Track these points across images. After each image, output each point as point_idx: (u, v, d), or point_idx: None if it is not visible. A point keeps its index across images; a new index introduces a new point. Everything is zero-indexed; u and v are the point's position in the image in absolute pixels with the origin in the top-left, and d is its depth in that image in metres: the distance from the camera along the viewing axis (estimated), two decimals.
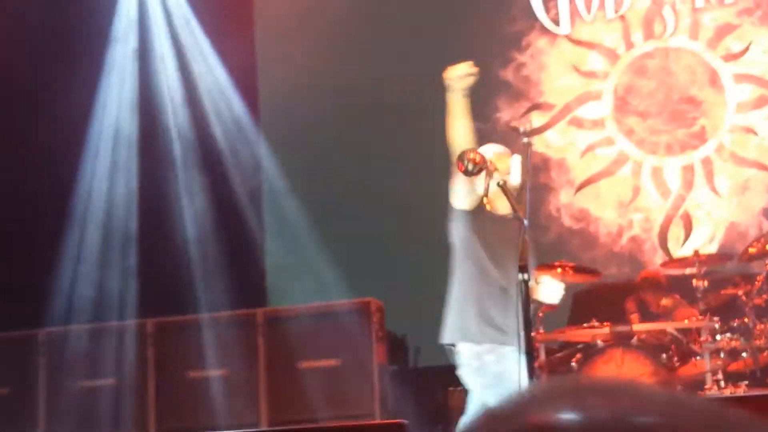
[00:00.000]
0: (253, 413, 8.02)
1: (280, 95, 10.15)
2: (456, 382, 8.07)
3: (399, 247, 9.40)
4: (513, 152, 5.57)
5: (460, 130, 5.24)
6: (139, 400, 8.28)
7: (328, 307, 8.35)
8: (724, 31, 9.66)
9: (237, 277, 8.98)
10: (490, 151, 5.35)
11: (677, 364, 7.29)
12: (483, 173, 5.17)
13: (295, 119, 9.98)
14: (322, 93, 9.86)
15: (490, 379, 5.15)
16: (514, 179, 5.43)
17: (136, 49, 10.02)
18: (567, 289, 7.71)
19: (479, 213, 5.27)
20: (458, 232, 5.39)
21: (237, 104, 9.91)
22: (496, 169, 5.36)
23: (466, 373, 5.30)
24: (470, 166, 5.35)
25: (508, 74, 9.86)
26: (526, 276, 5.11)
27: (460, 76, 5.32)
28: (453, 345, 5.36)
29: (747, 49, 9.57)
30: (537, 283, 5.33)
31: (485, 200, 5.32)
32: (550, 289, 5.34)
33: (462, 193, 5.27)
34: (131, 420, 8.25)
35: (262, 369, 8.16)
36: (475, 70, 5.33)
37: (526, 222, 5.18)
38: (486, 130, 9.51)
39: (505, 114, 9.80)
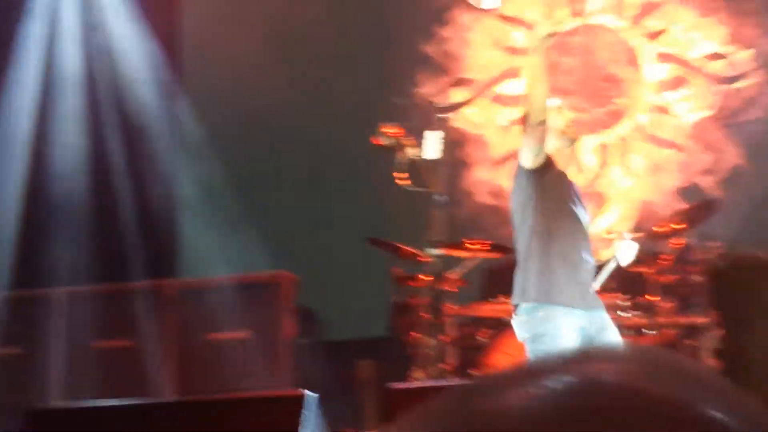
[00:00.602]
0: (161, 385, 7.94)
1: (205, 52, 10.03)
2: (366, 354, 8.13)
3: (315, 221, 9.35)
4: (431, 128, 5.51)
5: (544, 90, 5.14)
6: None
7: (241, 279, 8.30)
8: (646, 9, 9.69)
9: (149, 246, 8.87)
10: (552, 103, 5.30)
11: None
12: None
13: (218, 82, 9.85)
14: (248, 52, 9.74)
15: (534, 335, 5.14)
16: (429, 153, 5.38)
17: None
18: (481, 265, 7.77)
19: (545, 171, 5.15)
20: (524, 191, 5.29)
21: (156, 62, 9.75)
22: (412, 144, 5.33)
23: (514, 323, 5.29)
24: (386, 140, 5.32)
25: (430, 49, 9.79)
26: (437, 251, 5.10)
27: (545, 36, 5.22)
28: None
29: (668, 28, 9.61)
30: (619, 241, 5.41)
31: (400, 175, 5.30)
32: (627, 251, 5.41)
33: (532, 152, 5.16)
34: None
35: (172, 341, 8.08)
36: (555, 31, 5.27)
37: (441, 198, 5.17)
38: (406, 104, 9.50)
39: (426, 89, 9.74)
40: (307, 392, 4.62)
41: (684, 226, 7.40)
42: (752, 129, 9.20)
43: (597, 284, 5.22)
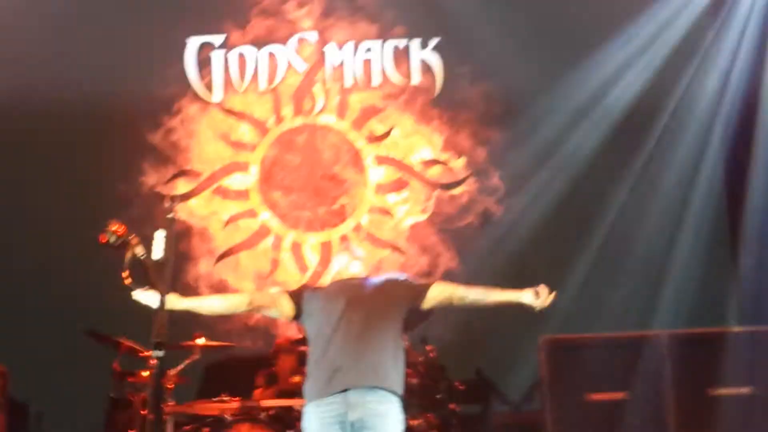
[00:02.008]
0: None
1: None
2: None
3: (31, 312, 9.07)
4: (156, 222, 5.47)
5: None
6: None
7: None
8: (369, 113, 10.06)
9: None
10: None
11: None
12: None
13: None
14: None
15: None
16: (156, 254, 5.36)
17: None
18: (198, 362, 7.69)
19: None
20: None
21: None
22: (138, 243, 5.29)
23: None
24: (113, 238, 5.26)
25: (156, 138, 9.77)
26: (161, 353, 5.08)
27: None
28: None
29: (389, 132, 10.00)
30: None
31: (124, 274, 5.24)
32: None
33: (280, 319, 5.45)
34: None
35: None
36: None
37: (164, 299, 5.14)
38: (129, 192, 9.43)
39: (151, 178, 9.70)
40: None
41: None
42: (465, 234, 9.68)
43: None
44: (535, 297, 5.36)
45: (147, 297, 5.23)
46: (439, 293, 5.41)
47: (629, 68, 9.86)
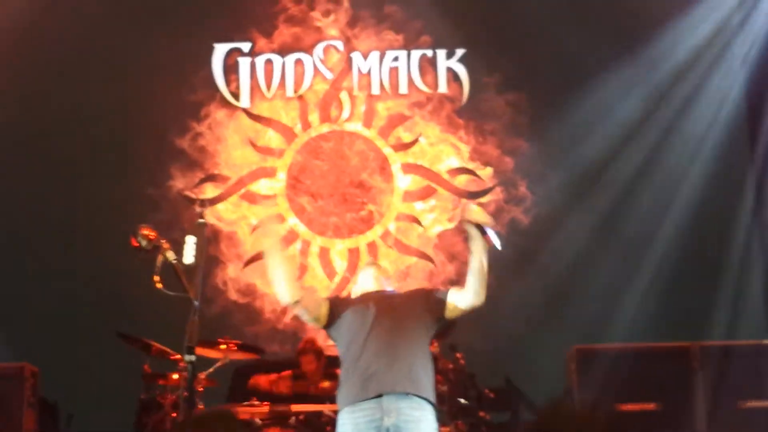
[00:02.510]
0: None
1: None
2: None
3: (64, 314, 9.10)
4: (184, 225, 5.48)
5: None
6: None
7: None
8: (396, 120, 10.07)
9: None
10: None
11: None
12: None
13: None
14: None
15: None
16: (187, 259, 5.36)
17: None
18: (228, 365, 7.70)
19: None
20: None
21: None
22: (169, 248, 5.30)
23: None
24: (144, 242, 5.28)
25: (185, 143, 9.80)
26: (193, 357, 5.08)
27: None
28: None
29: (416, 140, 10.00)
30: None
31: (156, 278, 5.25)
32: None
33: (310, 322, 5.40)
34: None
35: None
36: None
37: (196, 303, 5.15)
38: (158, 196, 9.47)
39: (179, 182, 9.73)
40: None
41: None
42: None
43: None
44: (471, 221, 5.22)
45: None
46: (458, 296, 5.32)
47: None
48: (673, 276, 9.34)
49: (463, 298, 5.25)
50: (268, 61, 10.11)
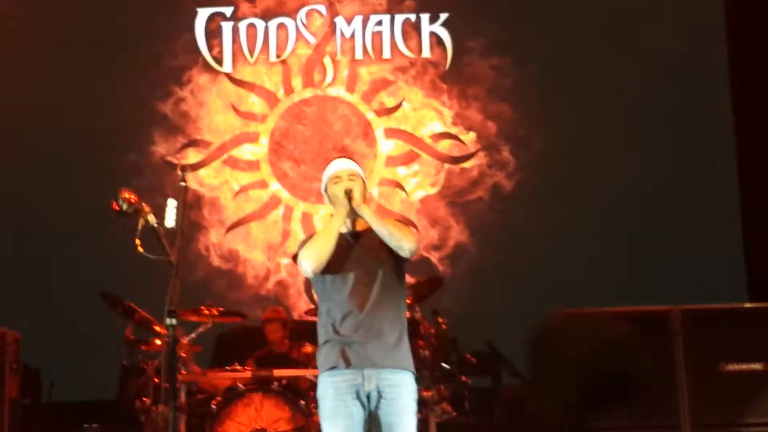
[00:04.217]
0: None
1: None
2: (93, 418, 7.92)
3: (45, 278, 9.08)
4: (167, 189, 5.45)
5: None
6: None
7: None
8: (379, 85, 10.04)
9: None
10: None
11: (314, 410, 7.43)
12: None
13: None
14: None
15: None
16: (168, 222, 5.33)
17: None
18: (211, 330, 7.68)
19: None
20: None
21: None
22: (150, 211, 5.26)
23: None
24: (125, 206, 5.24)
25: (167, 108, 9.77)
26: (174, 321, 5.06)
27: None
28: None
29: (399, 105, 9.98)
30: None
31: (136, 242, 5.21)
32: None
33: None
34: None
35: None
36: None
37: (177, 267, 5.12)
38: (141, 162, 9.43)
39: (161, 148, 9.71)
40: None
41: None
42: (475, 207, 9.69)
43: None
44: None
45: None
46: None
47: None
48: (653, 240, 9.36)
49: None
50: (251, 26, 10.07)
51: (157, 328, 7.22)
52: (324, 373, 5.13)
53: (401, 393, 5.09)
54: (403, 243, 4.89)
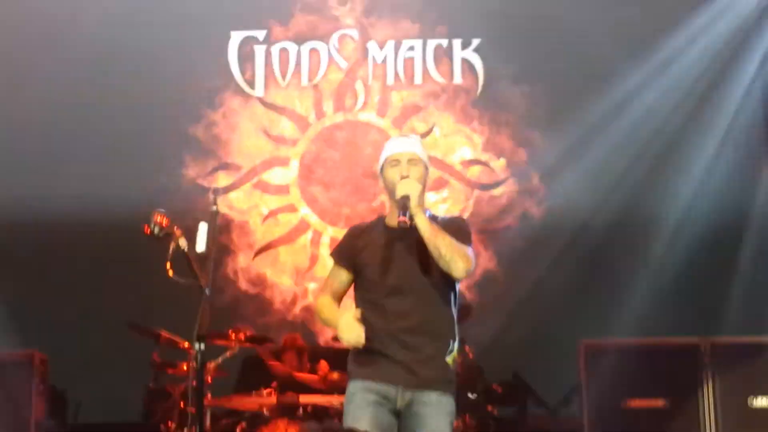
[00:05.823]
0: None
1: None
2: None
3: (72, 301, 9.09)
4: (197, 212, 5.43)
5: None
6: None
7: None
8: (410, 111, 10.04)
9: None
10: None
11: None
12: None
13: None
14: None
15: None
16: (199, 247, 5.32)
17: None
18: (237, 356, 7.67)
19: None
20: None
21: None
22: (181, 235, 5.25)
23: None
24: (157, 230, 5.25)
25: (198, 131, 9.81)
26: (203, 346, 5.04)
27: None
28: None
29: (430, 131, 9.97)
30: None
31: (167, 266, 5.20)
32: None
33: None
34: None
35: None
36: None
37: (207, 291, 5.11)
38: (171, 184, 9.46)
39: (192, 170, 9.74)
40: None
41: None
42: (504, 235, 9.65)
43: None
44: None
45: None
46: None
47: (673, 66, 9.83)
48: (685, 271, 9.29)
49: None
50: (284, 50, 10.10)
51: (185, 346, 7.18)
52: (355, 381, 4.88)
53: (437, 412, 4.84)
54: (452, 268, 4.54)
